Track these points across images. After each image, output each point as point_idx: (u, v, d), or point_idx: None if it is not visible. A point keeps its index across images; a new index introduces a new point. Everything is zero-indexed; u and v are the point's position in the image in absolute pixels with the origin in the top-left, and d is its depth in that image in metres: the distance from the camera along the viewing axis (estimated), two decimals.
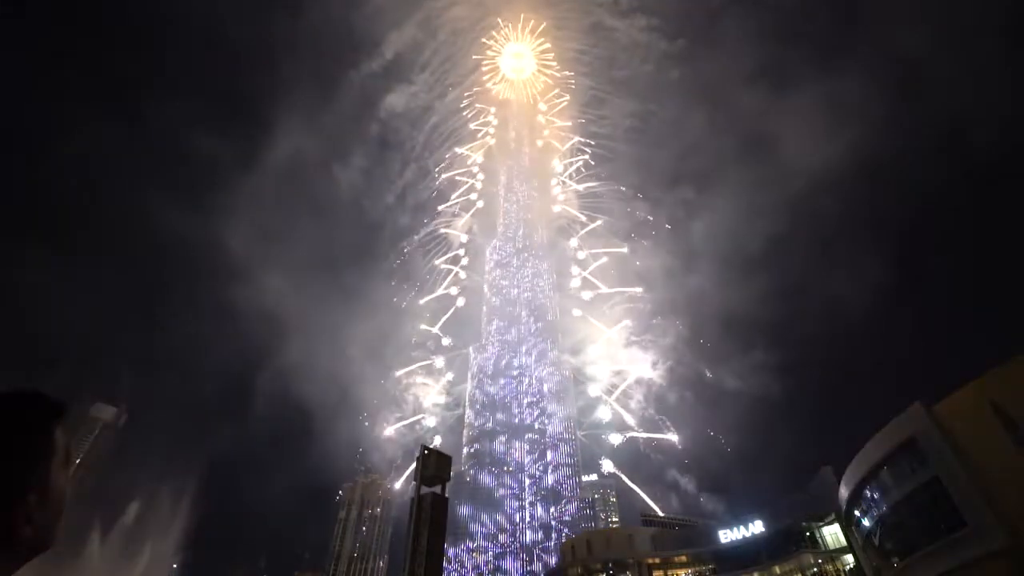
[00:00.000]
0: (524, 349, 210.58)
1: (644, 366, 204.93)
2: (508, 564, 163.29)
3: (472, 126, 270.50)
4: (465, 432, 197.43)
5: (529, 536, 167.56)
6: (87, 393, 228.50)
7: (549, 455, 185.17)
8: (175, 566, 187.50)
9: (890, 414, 48.85)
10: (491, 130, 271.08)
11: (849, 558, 65.29)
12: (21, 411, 1.53)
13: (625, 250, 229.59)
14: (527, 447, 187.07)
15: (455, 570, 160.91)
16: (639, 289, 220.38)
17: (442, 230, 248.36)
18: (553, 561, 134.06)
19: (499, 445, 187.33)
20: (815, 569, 68.13)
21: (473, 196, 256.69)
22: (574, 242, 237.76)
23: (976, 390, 40.93)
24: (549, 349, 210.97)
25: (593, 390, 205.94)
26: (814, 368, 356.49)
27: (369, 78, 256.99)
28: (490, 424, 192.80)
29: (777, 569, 71.46)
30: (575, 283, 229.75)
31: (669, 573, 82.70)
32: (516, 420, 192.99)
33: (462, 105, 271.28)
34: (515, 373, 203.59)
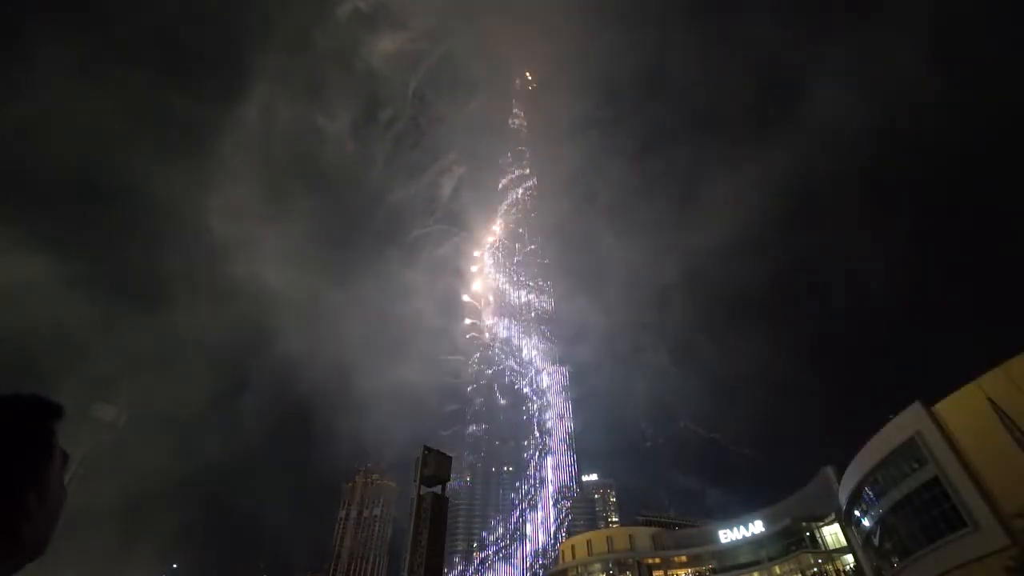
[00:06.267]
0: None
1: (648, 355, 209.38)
2: (508, 563, 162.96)
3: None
4: (466, 432, 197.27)
5: (529, 536, 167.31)
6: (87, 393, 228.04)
7: (549, 457, 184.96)
8: (175, 566, 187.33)
9: (890, 414, 48.94)
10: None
11: (849, 558, 65.24)
12: (19, 413, 1.55)
13: None
14: (528, 447, 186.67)
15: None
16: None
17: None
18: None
19: (500, 444, 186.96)
20: (815, 569, 68.07)
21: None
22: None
23: (976, 390, 40.93)
24: (550, 342, 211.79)
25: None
26: (814, 368, 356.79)
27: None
28: (490, 426, 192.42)
29: (777, 569, 71.39)
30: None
31: (669, 573, 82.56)
32: (517, 419, 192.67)
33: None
34: (523, 372, 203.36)
